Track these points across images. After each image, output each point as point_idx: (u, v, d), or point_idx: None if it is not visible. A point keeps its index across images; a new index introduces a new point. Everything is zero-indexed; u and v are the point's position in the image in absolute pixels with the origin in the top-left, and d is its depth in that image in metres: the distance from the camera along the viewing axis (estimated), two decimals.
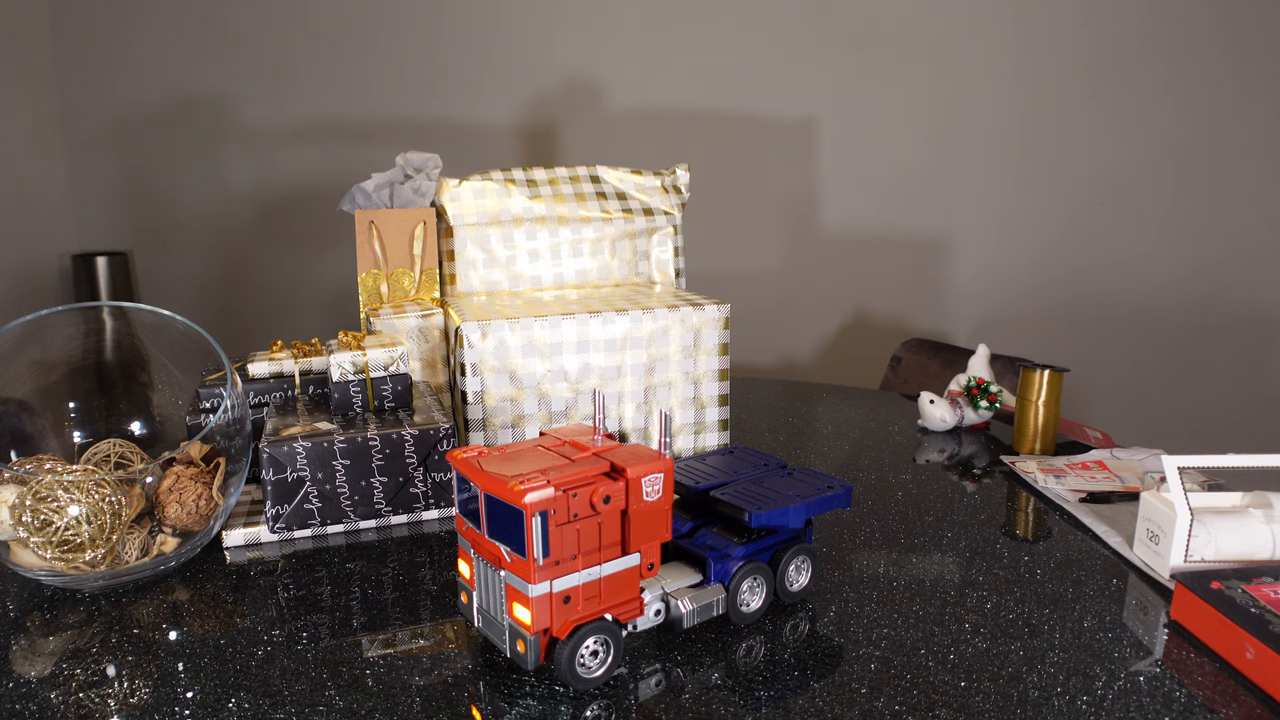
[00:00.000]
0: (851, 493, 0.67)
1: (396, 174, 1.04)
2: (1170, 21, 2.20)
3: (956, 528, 0.82)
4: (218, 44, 2.62)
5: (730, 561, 0.63)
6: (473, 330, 0.87)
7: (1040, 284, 2.41)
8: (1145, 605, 0.67)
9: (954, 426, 1.12)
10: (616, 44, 2.48)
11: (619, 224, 1.10)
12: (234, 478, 0.77)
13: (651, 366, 0.94)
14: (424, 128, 2.61)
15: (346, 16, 2.56)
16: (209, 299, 2.82)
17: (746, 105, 2.46)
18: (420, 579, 0.73)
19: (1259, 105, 2.20)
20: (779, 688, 0.56)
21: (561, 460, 0.57)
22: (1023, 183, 2.36)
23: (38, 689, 0.57)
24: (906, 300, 2.49)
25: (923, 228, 2.44)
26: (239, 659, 0.60)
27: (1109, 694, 0.55)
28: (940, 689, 0.56)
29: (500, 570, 0.56)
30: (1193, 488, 0.83)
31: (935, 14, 2.31)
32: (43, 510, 0.67)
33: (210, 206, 2.74)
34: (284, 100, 2.64)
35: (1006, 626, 0.64)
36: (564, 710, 0.54)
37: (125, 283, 2.66)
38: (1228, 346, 2.34)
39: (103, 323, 0.82)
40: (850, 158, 2.44)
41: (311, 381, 0.94)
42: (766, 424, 1.17)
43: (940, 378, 1.58)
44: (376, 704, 0.55)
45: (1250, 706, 0.54)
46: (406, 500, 0.83)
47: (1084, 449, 1.05)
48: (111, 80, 2.67)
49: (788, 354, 2.59)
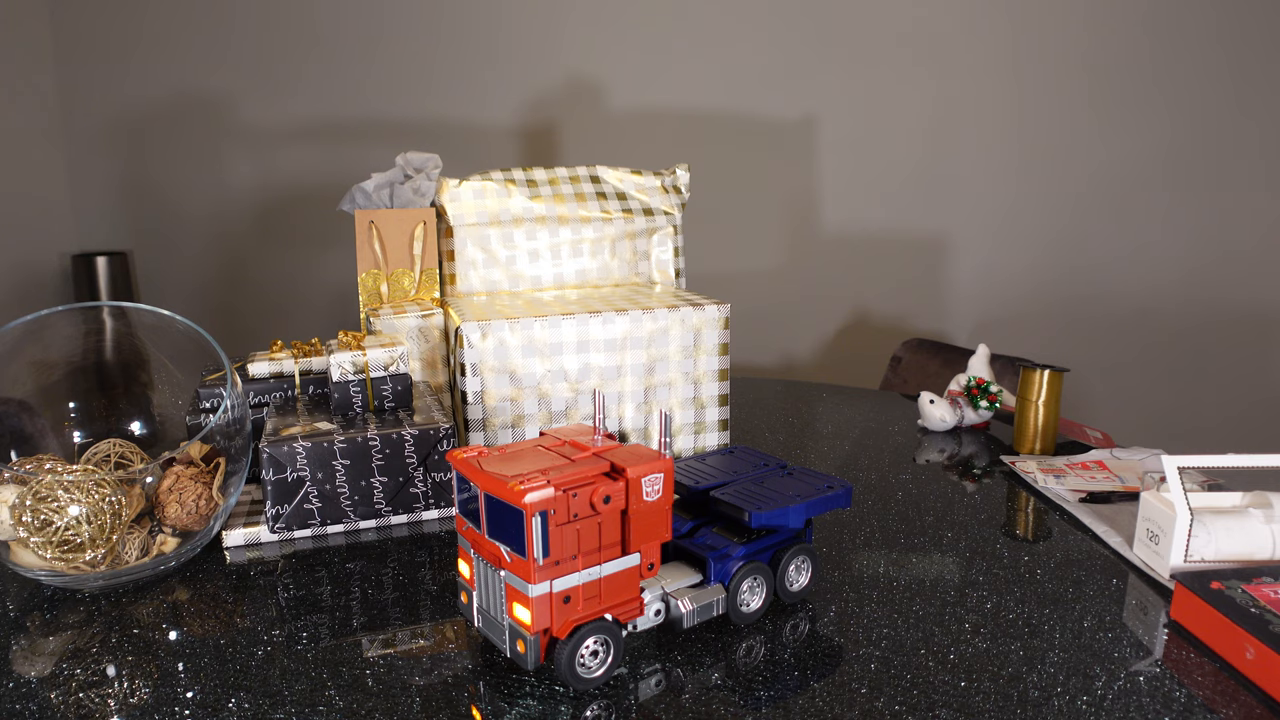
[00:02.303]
0: (851, 493, 0.67)
1: (396, 174, 1.04)
2: (1169, 21, 2.20)
3: (956, 528, 0.82)
4: (218, 44, 2.62)
5: (730, 561, 0.63)
6: (473, 330, 0.87)
7: (1040, 284, 2.41)
8: (1145, 605, 0.67)
9: (954, 426, 1.12)
10: (617, 44, 2.48)
11: (619, 224, 1.10)
12: (234, 478, 0.77)
13: (651, 366, 0.94)
14: (424, 128, 2.61)
15: (347, 16, 2.56)
16: (209, 299, 2.82)
17: (746, 105, 2.46)
18: (420, 579, 0.73)
19: (1258, 105, 2.20)
20: (779, 688, 0.56)
21: (561, 460, 0.57)
22: (1022, 183, 2.36)
23: (38, 689, 0.57)
24: (906, 300, 2.49)
25: (923, 228, 2.44)
26: (239, 659, 0.60)
27: (1109, 694, 0.55)
28: (940, 689, 0.56)
29: (500, 570, 0.56)
30: (1193, 488, 0.83)
31: (935, 14, 2.31)
32: (43, 510, 0.67)
33: (210, 206, 2.74)
34: (284, 100, 2.64)
35: (1006, 626, 0.64)
36: (564, 710, 0.54)
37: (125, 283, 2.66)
38: (1227, 346, 2.34)
39: (103, 323, 0.82)
40: (850, 158, 2.44)
41: (311, 381, 0.94)
42: (766, 424, 1.17)
43: (940, 378, 1.58)
44: (376, 704, 0.55)
45: (1250, 706, 0.54)
46: (406, 500, 0.83)
47: (1084, 449, 1.05)
48: (111, 80, 2.67)
49: (788, 354, 2.59)
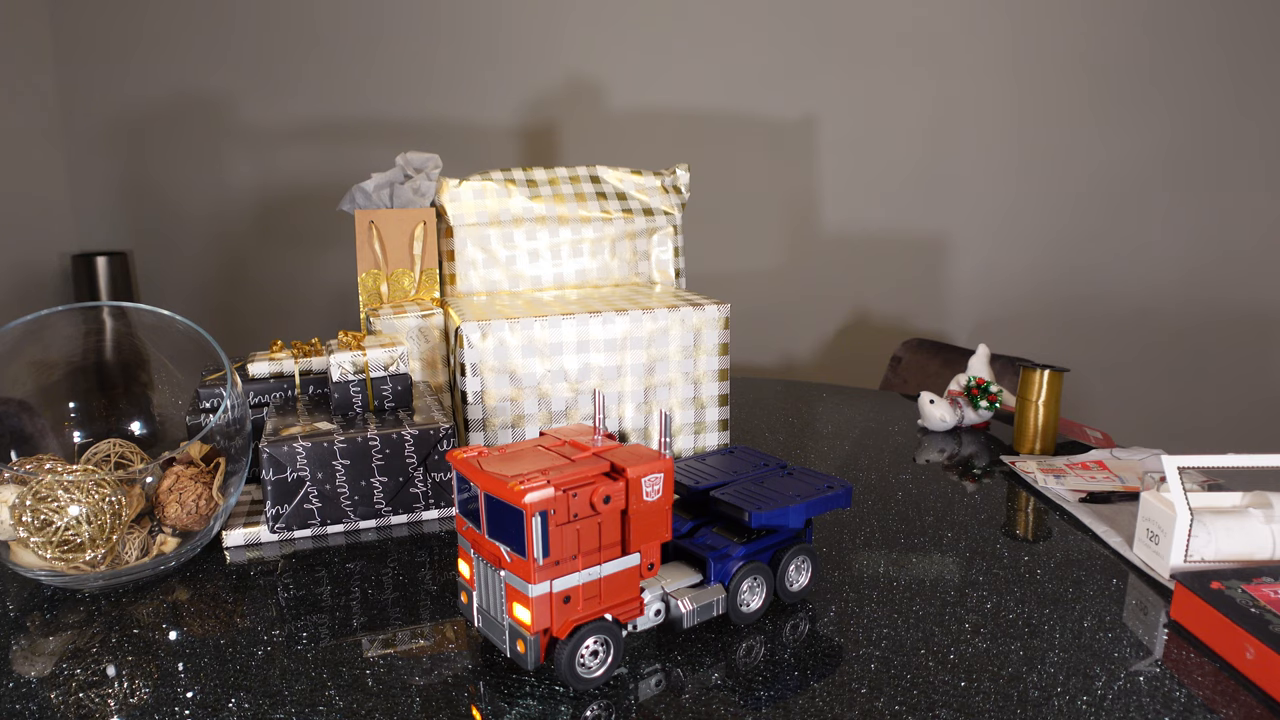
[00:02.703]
0: (851, 493, 0.67)
1: (396, 174, 1.04)
2: (1169, 21, 2.20)
3: (956, 528, 0.82)
4: (218, 44, 2.62)
5: (730, 561, 0.63)
6: (473, 330, 0.87)
7: (1040, 284, 2.41)
8: (1145, 605, 0.67)
9: (954, 426, 1.12)
10: (617, 44, 2.48)
11: (619, 224, 1.10)
12: (234, 478, 0.77)
13: (651, 366, 0.94)
14: (424, 128, 2.61)
15: (347, 16, 2.56)
16: (209, 299, 2.82)
17: (746, 105, 2.46)
18: (420, 579, 0.73)
19: (1258, 105, 2.20)
20: (779, 688, 0.56)
21: (561, 460, 0.57)
22: (1022, 183, 2.36)
23: (38, 689, 0.57)
24: (906, 300, 2.49)
25: (923, 228, 2.44)
26: (239, 659, 0.60)
27: (1109, 694, 0.55)
28: (940, 689, 0.56)
29: (500, 570, 0.56)
30: (1193, 488, 0.83)
31: (935, 14, 2.31)
32: (43, 510, 0.67)
33: (210, 206, 2.74)
34: (284, 100, 2.64)
35: (1006, 626, 0.64)
36: (564, 710, 0.54)
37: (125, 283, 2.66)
38: (1228, 346, 2.34)
39: (103, 323, 0.82)
40: (850, 158, 2.44)
41: (311, 381, 0.94)
42: (766, 424, 1.17)
43: (940, 378, 1.58)
44: (376, 704, 0.55)
45: (1250, 706, 0.54)
46: (406, 500, 0.83)
47: (1084, 449, 1.05)
48: (111, 80, 2.67)
49: (788, 354, 2.59)
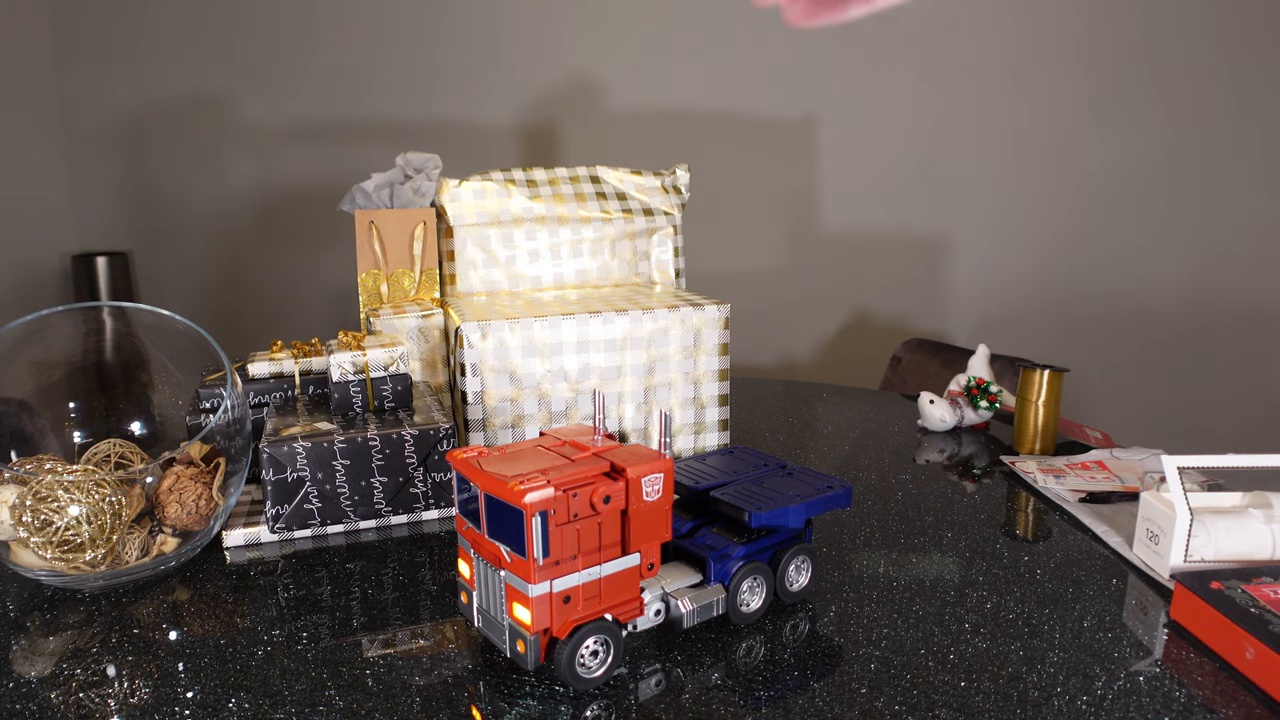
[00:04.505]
0: (851, 493, 0.67)
1: (396, 174, 1.04)
2: (1168, 21, 2.20)
3: (956, 528, 0.82)
4: (218, 44, 2.62)
5: (730, 561, 0.63)
6: (473, 330, 0.87)
7: (1040, 284, 2.41)
8: (1145, 605, 0.67)
9: (954, 426, 1.12)
10: (617, 44, 2.48)
11: (619, 224, 1.10)
12: (234, 478, 0.77)
13: (651, 367, 0.94)
14: (424, 128, 2.61)
15: (348, 17, 2.56)
16: (209, 299, 2.82)
17: (746, 105, 2.46)
18: (420, 579, 0.73)
19: (1258, 105, 2.20)
20: (779, 688, 0.56)
21: (561, 460, 0.57)
22: (1022, 183, 2.36)
23: (38, 689, 0.57)
24: (906, 300, 2.49)
25: (923, 228, 2.44)
26: (239, 659, 0.60)
27: (1109, 694, 0.55)
28: (940, 689, 0.56)
29: (500, 570, 0.56)
30: (1193, 488, 0.83)
31: (936, 14, 2.31)
32: (43, 510, 0.67)
33: (210, 206, 2.74)
34: (284, 100, 2.64)
35: (1006, 626, 0.64)
36: (564, 710, 0.54)
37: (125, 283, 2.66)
38: (1228, 346, 2.34)
39: (103, 323, 0.82)
40: (850, 158, 2.44)
41: (311, 381, 0.94)
42: (766, 424, 1.17)
43: (940, 378, 1.58)
44: (376, 704, 0.55)
45: (1250, 706, 0.54)
46: (406, 500, 0.83)
47: (1084, 449, 1.05)
48: (111, 80, 2.67)
49: (788, 354, 2.59)
